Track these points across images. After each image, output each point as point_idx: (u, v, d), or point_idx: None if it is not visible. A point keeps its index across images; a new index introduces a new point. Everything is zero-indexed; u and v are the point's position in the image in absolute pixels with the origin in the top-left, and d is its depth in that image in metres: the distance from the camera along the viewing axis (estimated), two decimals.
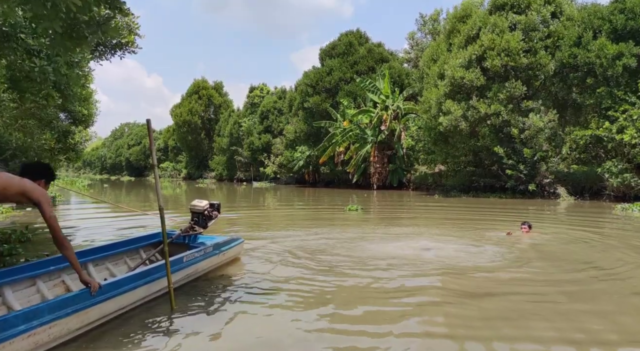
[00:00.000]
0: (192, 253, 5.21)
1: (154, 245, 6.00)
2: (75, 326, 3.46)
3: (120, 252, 5.61)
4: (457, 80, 21.63)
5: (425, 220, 12.58)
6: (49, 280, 4.51)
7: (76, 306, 3.44)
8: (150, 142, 4.38)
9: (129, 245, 5.80)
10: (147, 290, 4.33)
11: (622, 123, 18.11)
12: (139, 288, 4.18)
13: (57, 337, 3.31)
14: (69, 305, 3.40)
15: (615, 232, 10.24)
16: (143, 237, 6.15)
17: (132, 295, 4.11)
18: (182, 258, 4.98)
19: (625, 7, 19.38)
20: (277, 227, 10.75)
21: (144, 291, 4.29)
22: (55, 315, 3.27)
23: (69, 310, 3.38)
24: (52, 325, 3.22)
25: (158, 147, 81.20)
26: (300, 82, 40.56)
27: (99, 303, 3.67)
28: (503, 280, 5.33)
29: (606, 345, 3.41)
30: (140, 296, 4.24)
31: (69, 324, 3.39)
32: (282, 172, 45.62)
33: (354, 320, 3.95)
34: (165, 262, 4.35)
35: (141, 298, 4.28)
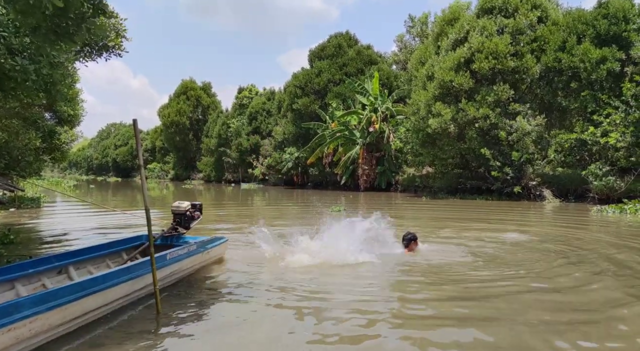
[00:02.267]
0: (175, 250, 5.18)
1: (137, 248, 5.94)
2: (57, 322, 3.42)
3: (102, 255, 5.55)
4: (447, 82, 21.79)
5: (399, 221, 12.64)
6: (28, 283, 4.45)
7: (56, 302, 3.41)
8: (136, 142, 4.34)
9: (111, 248, 5.74)
10: (130, 287, 4.28)
11: (606, 127, 18.37)
12: (121, 285, 4.13)
13: (38, 332, 3.27)
14: (49, 300, 3.37)
15: (569, 231, 10.38)
16: (125, 239, 6.10)
17: (115, 291, 4.06)
18: (165, 256, 4.94)
19: (609, 13, 19.70)
20: (267, 226, 10.70)
21: (127, 288, 4.24)
22: (35, 309, 3.23)
23: (49, 305, 3.34)
24: (32, 320, 3.19)
25: (145, 147, 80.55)
26: (289, 84, 40.55)
27: (80, 299, 3.62)
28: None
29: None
30: (122, 293, 4.19)
31: (50, 319, 3.35)
32: (270, 174, 45.50)
33: (339, 319, 3.95)
34: (151, 263, 4.30)
35: (124, 295, 4.23)
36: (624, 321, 3.97)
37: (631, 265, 6.31)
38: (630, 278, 5.59)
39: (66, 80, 11.32)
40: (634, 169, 17.97)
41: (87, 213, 15.01)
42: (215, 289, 5.00)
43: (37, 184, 22.42)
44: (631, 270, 6.01)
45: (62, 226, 11.09)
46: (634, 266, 6.27)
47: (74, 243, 8.15)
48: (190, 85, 65.66)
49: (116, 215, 13.17)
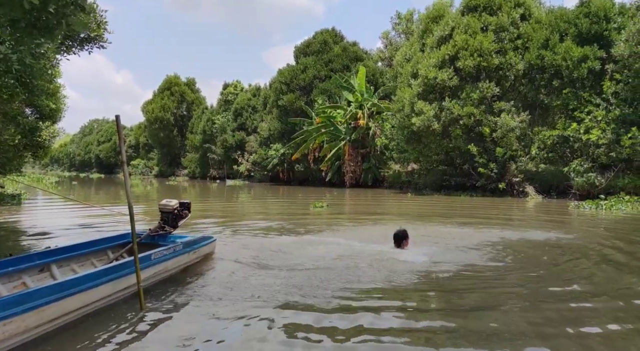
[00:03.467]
0: (160, 250, 5.10)
1: (122, 246, 5.84)
2: (34, 324, 3.32)
3: (86, 253, 5.45)
4: (430, 80, 21.91)
5: (373, 216, 12.72)
6: (8, 281, 4.35)
7: (34, 303, 3.31)
8: (119, 138, 4.26)
9: (96, 246, 5.62)
10: (112, 288, 4.20)
11: (587, 124, 18.67)
12: (103, 286, 4.04)
13: (13, 334, 3.17)
14: (26, 302, 3.26)
15: (547, 226, 10.59)
16: (111, 237, 5.99)
17: (96, 292, 3.97)
18: (150, 256, 4.86)
19: (590, 12, 20.00)
20: (249, 224, 10.70)
21: (109, 289, 4.16)
22: (11, 311, 3.12)
23: (27, 307, 3.24)
24: (6, 322, 3.08)
25: (129, 144, 79.61)
26: (275, 80, 40.41)
27: (59, 300, 3.54)
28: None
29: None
30: (104, 294, 4.11)
31: (26, 321, 3.25)
32: (256, 170, 45.32)
33: (325, 319, 3.96)
34: (135, 261, 4.24)
35: (107, 296, 4.16)
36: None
37: (597, 254, 6.46)
38: (584, 264, 5.71)
39: (48, 72, 11.14)
40: (614, 166, 18.31)
41: (69, 210, 14.79)
42: (201, 288, 4.96)
43: (17, 181, 22.02)
44: (594, 257, 6.15)
45: (44, 223, 10.91)
46: (604, 254, 6.42)
47: (56, 240, 8.02)
48: (174, 80, 65.03)
49: (100, 211, 12.99)
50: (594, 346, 3.34)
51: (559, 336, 3.54)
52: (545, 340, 3.45)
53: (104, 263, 5.35)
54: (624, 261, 6.49)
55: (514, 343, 3.40)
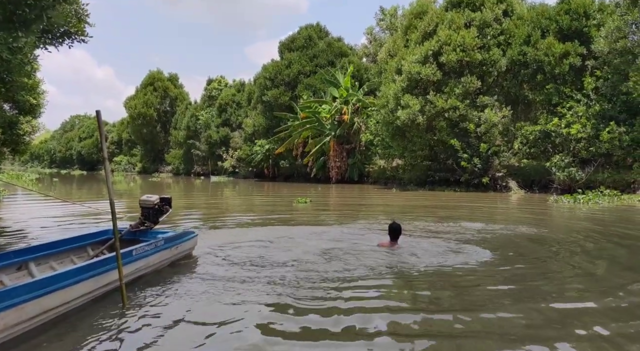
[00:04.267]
0: (142, 246, 5.03)
1: (102, 242, 5.75)
2: (13, 322, 3.26)
3: (66, 250, 5.34)
4: (414, 75, 22.01)
5: (351, 211, 12.78)
6: None
7: (13, 301, 3.24)
8: (100, 134, 4.19)
9: (76, 243, 5.52)
10: (94, 285, 4.14)
11: (569, 119, 18.96)
12: (84, 282, 3.98)
13: None
14: (4, 299, 3.19)
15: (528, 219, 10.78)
16: (91, 234, 5.88)
17: (77, 289, 3.90)
18: (131, 252, 4.80)
19: (570, 8, 20.29)
20: (232, 219, 10.66)
21: (90, 285, 4.09)
22: None
23: (5, 305, 3.17)
24: None
25: (112, 140, 78.64)
26: (259, 75, 40.20)
27: (39, 297, 3.47)
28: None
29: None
30: (85, 290, 4.04)
31: (5, 319, 3.17)
32: (240, 166, 45.13)
33: (309, 315, 3.96)
34: (117, 257, 4.18)
35: (87, 292, 4.09)
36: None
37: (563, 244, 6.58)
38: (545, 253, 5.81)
39: (26, 67, 10.90)
40: (593, 160, 18.63)
41: (48, 208, 14.55)
42: (183, 284, 4.92)
43: None
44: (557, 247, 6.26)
45: (22, 221, 10.72)
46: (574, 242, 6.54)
47: (35, 238, 7.88)
48: (157, 76, 64.34)
49: (80, 208, 12.81)
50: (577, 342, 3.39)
51: (545, 330, 3.59)
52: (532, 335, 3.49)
53: (84, 261, 5.25)
54: (597, 253, 6.61)
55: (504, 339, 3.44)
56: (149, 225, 6.03)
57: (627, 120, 18.19)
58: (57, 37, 10.55)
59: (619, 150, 17.83)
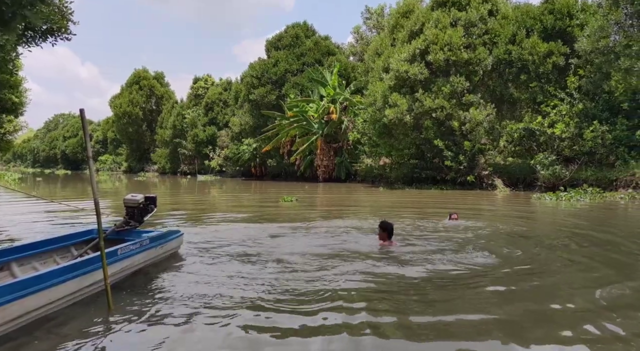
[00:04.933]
0: (127, 245, 4.97)
1: (86, 242, 5.67)
2: None
3: (49, 250, 5.26)
4: (402, 73, 22.09)
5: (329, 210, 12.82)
6: None
7: None
8: (84, 133, 4.13)
9: (59, 243, 5.44)
10: (77, 285, 4.07)
11: (553, 118, 19.20)
12: (67, 283, 3.91)
13: None
14: None
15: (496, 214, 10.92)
16: (74, 234, 5.80)
17: (60, 290, 3.83)
18: (116, 251, 4.74)
19: (554, 8, 20.58)
20: (218, 218, 10.60)
21: (74, 286, 4.03)
22: None
23: None
24: None
25: (97, 139, 77.81)
26: (246, 74, 40.04)
27: (20, 298, 3.41)
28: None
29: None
30: (69, 291, 3.98)
31: None
32: (228, 165, 44.92)
33: (295, 316, 3.95)
34: (102, 258, 4.12)
35: (71, 293, 4.03)
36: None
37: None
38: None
39: (7, 65, 10.73)
40: (577, 158, 18.90)
41: (31, 207, 14.32)
42: (169, 284, 4.87)
43: None
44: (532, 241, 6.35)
45: (4, 220, 10.54)
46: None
47: (17, 238, 7.76)
48: (143, 74, 63.74)
49: (64, 208, 12.63)
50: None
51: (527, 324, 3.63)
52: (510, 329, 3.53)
53: (68, 261, 5.18)
54: (571, 251, 6.71)
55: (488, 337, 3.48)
56: (133, 224, 5.96)
57: (609, 119, 18.49)
58: (40, 34, 10.39)
59: (601, 148, 18.11)
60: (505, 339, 3.32)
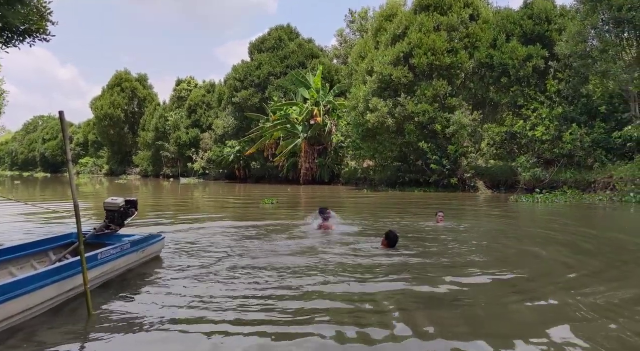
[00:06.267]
0: (107, 250, 4.90)
1: (65, 247, 5.57)
2: None
3: (26, 255, 5.16)
4: (386, 77, 22.22)
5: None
6: None
7: None
8: (64, 135, 4.07)
9: (37, 247, 5.33)
10: (56, 291, 4.00)
11: (533, 121, 19.51)
12: (45, 289, 3.83)
13: None
14: None
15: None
16: (52, 238, 5.69)
17: (38, 296, 3.75)
18: (96, 256, 4.66)
19: (533, 13, 20.96)
20: (200, 221, 10.53)
21: (53, 292, 3.96)
22: None
23: None
24: None
25: (77, 141, 76.68)
26: (229, 76, 39.89)
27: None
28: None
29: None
30: (47, 297, 3.90)
31: None
32: (211, 168, 44.62)
33: (281, 320, 3.94)
34: (81, 261, 4.05)
35: (50, 299, 3.96)
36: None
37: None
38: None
39: None
40: (557, 161, 19.22)
41: (7, 211, 14.02)
42: (150, 288, 4.82)
43: None
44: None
45: None
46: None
47: None
48: (125, 76, 63.03)
49: (42, 211, 12.39)
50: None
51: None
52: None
53: (46, 266, 5.08)
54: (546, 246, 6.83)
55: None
56: (114, 228, 5.88)
57: (587, 122, 18.86)
58: (17, 35, 10.20)
59: (580, 151, 18.45)
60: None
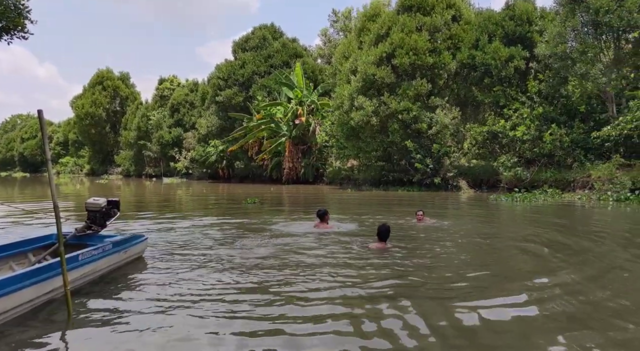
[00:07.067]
0: (88, 250, 4.84)
1: (45, 248, 5.49)
2: None
3: (4, 256, 5.07)
4: (369, 76, 22.31)
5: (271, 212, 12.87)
6: None
7: None
8: (43, 134, 4.01)
9: (15, 249, 5.24)
10: (35, 292, 3.94)
11: (514, 121, 19.79)
12: (24, 290, 3.77)
13: None
14: None
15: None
16: (32, 239, 5.59)
17: (16, 297, 3.69)
18: (77, 257, 4.60)
19: (515, 14, 21.27)
20: (182, 221, 10.45)
21: (32, 293, 3.89)
22: None
23: None
24: None
25: (57, 141, 75.43)
26: (213, 75, 39.64)
27: None
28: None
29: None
30: (26, 299, 3.84)
31: None
32: (194, 167, 44.28)
33: (259, 321, 3.94)
34: (61, 262, 3.99)
35: (29, 300, 3.89)
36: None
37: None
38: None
39: None
40: (537, 160, 19.52)
41: None
42: (132, 290, 4.77)
43: None
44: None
45: None
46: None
47: None
48: (106, 75, 62.18)
49: (19, 212, 12.17)
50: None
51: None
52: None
53: (25, 267, 4.99)
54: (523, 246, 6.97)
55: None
56: (96, 228, 5.81)
57: (567, 122, 19.20)
58: None
59: (560, 150, 18.76)
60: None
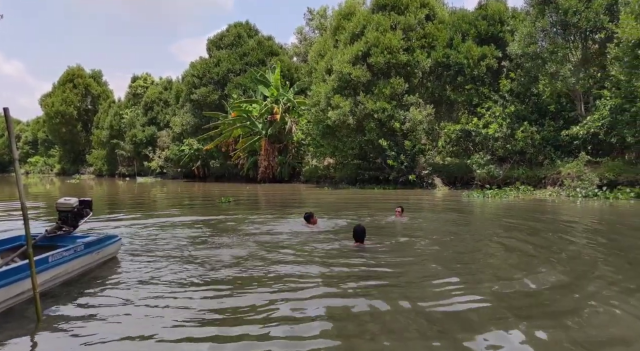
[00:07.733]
0: (59, 252, 4.73)
1: (14, 249, 5.34)
2: None
3: None
4: (345, 75, 22.38)
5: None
6: None
7: None
8: (9, 133, 3.90)
9: None
10: (3, 295, 3.83)
11: (487, 119, 20.14)
12: None
13: None
14: None
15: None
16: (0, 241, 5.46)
17: None
18: (47, 258, 4.50)
19: (487, 14, 21.65)
20: (155, 221, 10.33)
21: (0, 295, 3.80)
22: None
23: None
24: None
25: (25, 140, 73.42)
26: (187, 73, 39.16)
27: None
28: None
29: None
30: None
31: None
32: (168, 167, 43.65)
33: (236, 321, 3.92)
34: (30, 266, 3.88)
35: None
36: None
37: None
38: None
39: None
40: (510, 158, 19.91)
41: None
42: (104, 292, 4.68)
43: None
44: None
45: None
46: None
47: None
48: (77, 72, 60.65)
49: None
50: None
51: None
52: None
53: None
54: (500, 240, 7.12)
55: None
56: (67, 229, 5.69)
57: (538, 120, 19.63)
58: None
59: (531, 148, 19.17)
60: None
